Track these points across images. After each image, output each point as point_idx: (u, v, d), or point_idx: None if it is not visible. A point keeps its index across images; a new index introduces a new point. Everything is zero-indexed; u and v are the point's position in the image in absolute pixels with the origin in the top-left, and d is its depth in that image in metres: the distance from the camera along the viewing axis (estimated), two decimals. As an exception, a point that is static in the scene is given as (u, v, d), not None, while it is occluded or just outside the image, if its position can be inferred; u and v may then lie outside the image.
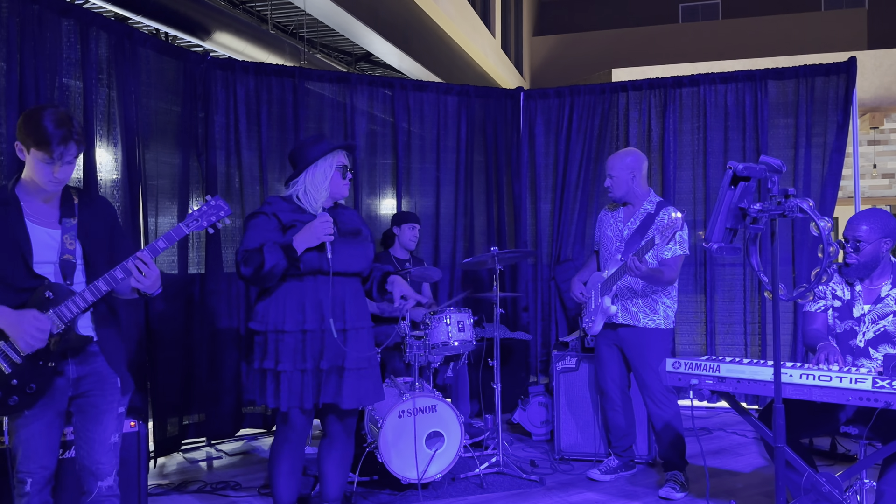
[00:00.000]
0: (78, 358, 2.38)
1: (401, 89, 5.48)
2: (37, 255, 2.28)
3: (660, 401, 3.77)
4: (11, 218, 2.28)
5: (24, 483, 2.33)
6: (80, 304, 2.30)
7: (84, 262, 2.39)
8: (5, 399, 2.24)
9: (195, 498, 3.76)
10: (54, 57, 3.62)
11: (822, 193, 5.23)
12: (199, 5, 5.91)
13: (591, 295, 3.96)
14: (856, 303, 3.10)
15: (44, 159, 2.24)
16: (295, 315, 2.87)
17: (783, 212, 1.91)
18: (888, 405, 2.47)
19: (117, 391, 2.45)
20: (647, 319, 3.78)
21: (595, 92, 5.67)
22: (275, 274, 2.83)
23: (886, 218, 3.00)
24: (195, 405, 4.62)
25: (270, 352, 2.88)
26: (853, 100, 5.14)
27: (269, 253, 2.80)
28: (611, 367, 3.94)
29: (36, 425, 2.32)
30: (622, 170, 3.82)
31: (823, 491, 2.72)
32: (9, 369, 2.23)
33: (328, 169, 2.98)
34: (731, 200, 1.90)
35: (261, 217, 2.93)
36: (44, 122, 2.23)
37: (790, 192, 1.93)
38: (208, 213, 2.52)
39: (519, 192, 5.81)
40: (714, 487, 3.79)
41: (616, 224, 3.93)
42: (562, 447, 4.31)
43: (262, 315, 2.92)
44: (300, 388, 2.86)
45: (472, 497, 3.71)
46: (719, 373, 2.77)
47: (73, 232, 2.36)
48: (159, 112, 4.41)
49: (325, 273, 2.88)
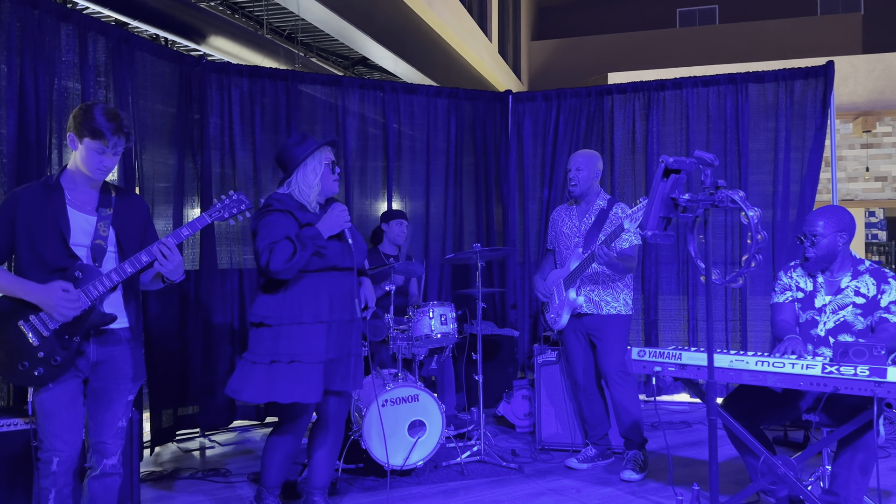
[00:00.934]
0: (100, 339, 2.54)
1: (391, 92, 5.64)
2: (73, 237, 2.48)
3: (618, 382, 3.98)
4: (55, 202, 2.48)
5: (49, 463, 2.45)
6: (107, 283, 2.48)
7: (117, 250, 2.58)
8: (31, 370, 2.40)
9: (187, 483, 3.91)
10: (53, 60, 3.78)
11: (801, 193, 5.37)
12: (195, 10, 6.08)
13: (553, 291, 4.13)
14: (817, 294, 3.24)
15: (97, 148, 2.46)
16: (313, 307, 2.96)
17: (714, 202, 2.05)
18: (836, 389, 2.62)
19: (129, 381, 2.62)
20: (609, 307, 4.00)
21: (581, 95, 5.82)
22: (300, 265, 2.91)
23: (841, 213, 3.14)
24: (189, 397, 4.78)
25: (285, 345, 2.93)
26: (831, 102, 5.28)
27: (298, 243, 2.90)
28: (580, 357, 4.12)
29: (62, 399, 2.47)
30: (589, 166, 4.05)
31: (779, 473, 2.87)
32: (37, 342, 2.41)
33: (318, 166, 3.07)
34: (663, 191, 2.04)
35: (276, 214, 2.99)
36: (98, 115, 2.45)
37: (720, 184, 2.07)
38: (230, 205, 2.73)
39: (507, 192, 5.96)
40: (688, 476, 3.93)
41: (572, 221, 4.13)
42: (543, 437, 4.45)
43: (273, 309, 2.96)
44: (316, 380, 2.94)
45: (453, 483, 3.86)
46: (681, 360, 2.92)
47: (107, 220, 2.56)
48: (155, 114, 4.57)
49: (338, 269, 3.03)
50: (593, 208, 4.08)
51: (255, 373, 2.96)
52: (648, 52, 17.34)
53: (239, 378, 3.00)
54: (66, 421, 2.47)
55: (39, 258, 2.45)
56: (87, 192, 2.57)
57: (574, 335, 4.12)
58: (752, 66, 10.12)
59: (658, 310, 5.62)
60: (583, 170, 4.03)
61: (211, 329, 4.85)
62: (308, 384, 2.93)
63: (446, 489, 3.78)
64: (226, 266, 4.96)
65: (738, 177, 5.47)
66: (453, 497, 3.66)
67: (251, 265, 5.06)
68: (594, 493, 3.70)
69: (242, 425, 5.11)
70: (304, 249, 2.90)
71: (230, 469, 4.11)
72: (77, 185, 2.55)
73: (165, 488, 3.84)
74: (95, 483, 2.59)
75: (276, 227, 2.94)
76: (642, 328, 5.64)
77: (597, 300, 4.03)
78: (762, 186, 5.48)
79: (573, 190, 4.06)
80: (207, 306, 4.83)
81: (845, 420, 2.86)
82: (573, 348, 4.14)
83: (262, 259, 2.90)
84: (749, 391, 3.18)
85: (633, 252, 3.96)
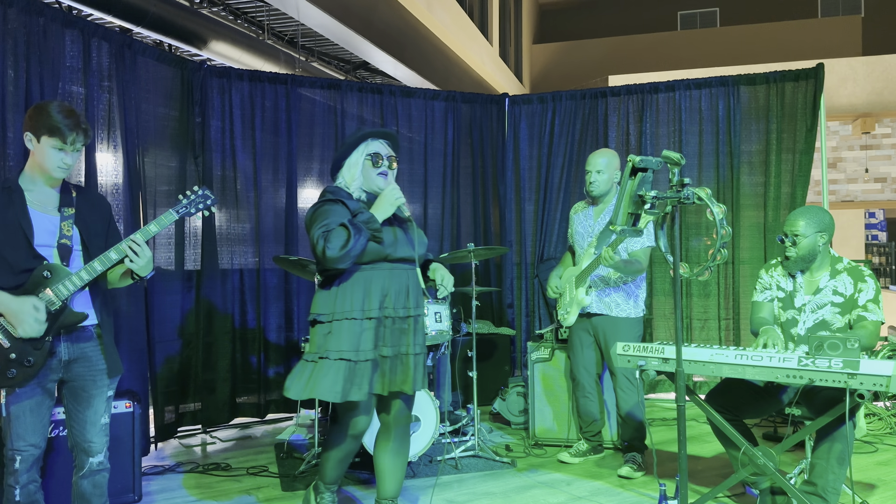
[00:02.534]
0: (71, 337, 2.57)
1: (389, 95, 5.75)
2: (37, 238, 2.49)
3: (627, 387, 4.04)
4: (16, 204, 2.50)
5: (13, 461, 2.49)
6: (77, 282, 2.51)
7: (82, 248, 2.61)
8: (3, 371, 2.42)
9: (187, 477, 4.01)
10: (58, 65, 3.89)
11: (792, 194, 5.45)
12: (197, 17, 6.20)
13: (566, 288, 4.22)
14: (797, 293, 3.33)
15: (56, 145, 2.49)
16: (363, 302, 2.84)
17: (680, 198, 2.15)
18: (811, 381, 2.71)
19: (105, 376, 2.64)
20: (619, 309, 4.06)
21: (576, 98, 5.92)
22: (356, 251, 2.78)
23: (822, 214, 3.23)
24: (191, 394, 4.88)
25: (335, 341, 2.81)
26: (821, 104, 5.37)
27: (353, 227, 2.77)
28: (584, 355, 4.20)
29: (26, 403, 2.48)
30: (609, 171, 4.08)
31: (759, 463, 2.96)
32: (7, 343, 2.43)
33: (358, 158, 2.97)
34: (630, 189, 2.14)
35: (328, 203, 2.89)
36: (54, 112, 2.49)
37: (687, 182, 2.16)
38: (196, 201, 2.75)
39: (504, 193, 6.07)
40: (675, 469, 4.00)
41: (587, 221, 4.19)
42: (536, 433, 4.55)
43: (326, 305, 2.87)
44: (361, 378, 2.80)
45: (447, 477, 3.95)
46: (664, 354, 3.01)
47: (70, 220, 2.58)
48: (158, 117, 4.68)
49: (393, 259, 2.89)
50: (609, 208, 4.13)
51: (304, 370, 2.85)
52: (650, 54, 17.43)
53: (291, 375, 2.89)
54: (30, 424, 2.50)
55: (4, 260, 2.46)
56: (46, 191, 2.57)
57: (581, 333, 4.19)
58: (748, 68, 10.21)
59: (652, 309, 5.71)
60: (604, 172, 4.06)
61: (212, 328, 4.95)
62: (352, 383, 2.78)
63: (440, 482, 3.87)
64: (227, 266, 5.08)
65: (730, 178, 5.57)
66: (447, 490, 3.76)
67: (251, 265, 5.17)
68: (584, 486, 3.79)
69: (244, 422, 5.22)
70: (358, 234, 2.76)
71: (230, 464, 4.22)
72: (36, 186, 2.56)
73: (167, 481, 3.94)
74: (84, 481, 2.63)
75: (329, 215, 2.83)
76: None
77: (608, 301, 4.07)
78: (754, 187, 5.57)
79: (592, 191, 4.09)
80: (209, 305, 4.94)
81: (823, 412, 2.95)
82: (578, 346, 4.21)
83: (318, 247, 2.77)
84: (732, 385, 3.28)
85: (644, 254, 3.99)
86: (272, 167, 5.27)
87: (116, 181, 4.28)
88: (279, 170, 5.28)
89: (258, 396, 5.19)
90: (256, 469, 4.10)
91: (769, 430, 4.72)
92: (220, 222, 5.06)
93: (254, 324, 5.17)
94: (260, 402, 5.20)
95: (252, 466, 4.14)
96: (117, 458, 3.37)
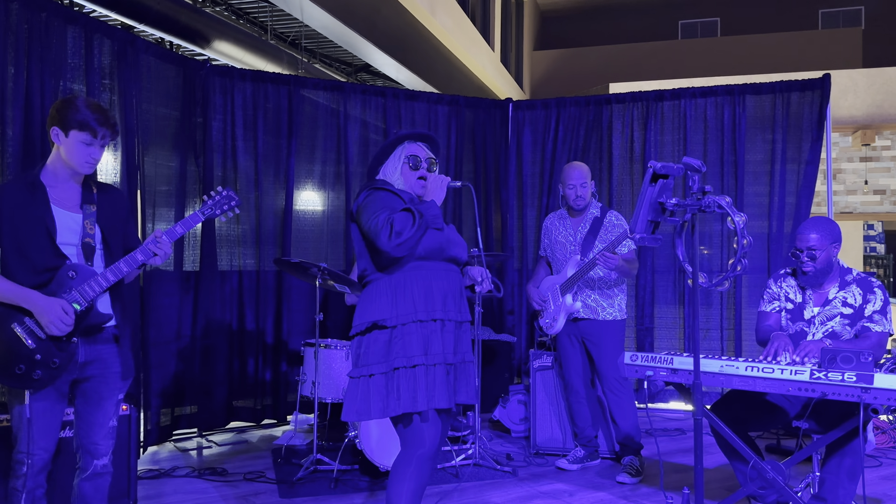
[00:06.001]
0: (88, 339, 2.51)
1: (393, 98, 5.70)
2: (60, 236, 2.44)
3: (616, 389, 4.08)
4: (38, 201, 2.44)
5: (21, 464, 2.42)
6: (103, 283, 2.46)
7: (104, 247, 2.56)
8: (29, 373, 2.37)
9: (183, 482, 3.95)
10: (59, 62, 3.83)
11: (796, 204, 5.42)
12: (200, 16, 6.16)
13: (548, 297, 4.20)
14: (806, 305, 3.29)
15: (86, 140, 2.45)
16: (427, 303, 2.57)
17: (701, 206, 2.11)
18: (823, 395, 2.66)
19: (119, 379, 2.59)
20: (605, 312, 4.11)
21: (580, 104, 5.89)
22: (419, 237, 2.55)
23: (831, 224, 3.20)
24: (188, 397, 4.81)
25: (403, 347, 2.52)
26: (827, 115, 5.34)
27: (417, 212, 2.54)
28: (574, 360, 4.21)
29: (39, 405, 2.43)
30: (590, 184, 4.16)
31: (768, 477, 2.90)
32: (33, 344, 2.38)
33: (396, 162, 2.75)
34: (651, 196, 2.09)
35: (381, 191, 2.65)
36: (83, 106, 2.45)
37: (707, 189, 2.12)
38: (221, 202, 2.70)
39: (506, 199, 6.02)
40: (680, 480, 3.97)
41: (567, 230, 4.22)
42: (537, 442, 4.49)
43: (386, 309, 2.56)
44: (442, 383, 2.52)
45: (447, 486, 3.89)
46: (672, 365, 2.96)
47: (92, 217, 2.53)
48: (159, 117, 4.62)
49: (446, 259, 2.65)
50: (587, 217, 4.19)
51: (373, 387, 2.52)
52: (650, 63, 17.44)
53: (359, 398, 2.54)
54: (42, 427, 2.44)
55: (27, 258, 2.41)
56: (69, 188, 2.53)
57: (569, 339, 4.20)
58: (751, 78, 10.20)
59: (654, 318, 5.67)
60: (587, 186, 4.14)
61: (210, 330, 4.89)
62: (436, 388, 2.50)
63: (440, 491, 3.82)
64: (225, 268, 5.01)
65: (734, 187, 5.53)
66: (447, 499, 3.70)
67: (251, 267, 5.11)
68: (587, 498, 3.74)
69: (240, 426, 5.15)
70: (423, 219, 2.54)
71: (226, 468, 4.15)
72: (59, 182, 2.51)
73: (162, 486, 3.88)
74: (86, 484, 2.58)
75: (387, 200, 2.58)
76: (635, 336, 5.69)
77: (593, 305, 4.12)
78: (758, 198, 5.53)
79: (579, 205, 4.14)
80: (207, 307, 4.87)
81: (833, 426, 2.90)
82: (567, 353, 4.22)
83: (382, 234, 2.48)
84: (738, 396, 3.23)
85: (634, 255, 4.10)
86: (273, 169, 5.21)
87: (116, 180, 4.22)
88: (280, 172, 5.22)
89: (255, 400, 5.12)
90: (253, 475, 4.03)
91: (772, 441, 4.67)
92: (220, 223, 5.00)
93: (252, 327, 5.10)
94: (256, 406, 5.13)
95: (249, 472, 4.07)
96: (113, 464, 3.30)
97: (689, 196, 2.14)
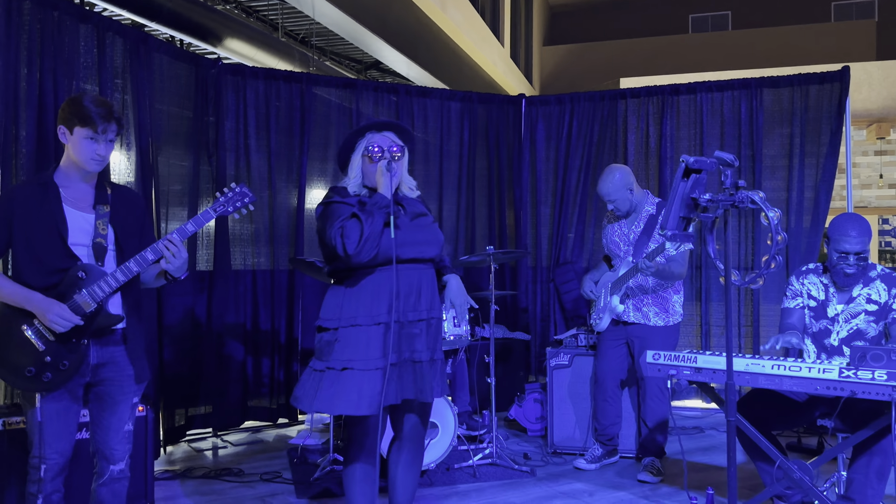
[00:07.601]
0: (101, 341, 2.47)
1: (405, 95, 5.66)
2: (72, 236, 2.41)
3: (657, 396, 4.02)
4: (50, 201, 2.42)
5: (37, 469, 2.38)
6: (112, 283, 2.42)
7: (116, 248, 2.52)
8: (39, 375, 2.35)
9: (199, 483, 3.92)
10: (72, 61, 3.81)
11: (815, 199, 5.34)
12: (211, 13, 6.12)
13: (601, 293, 4.14)
14: (830, 303, 3.23)
15: (88, 135, 2.41)
16: (370, 307, 2.62)
17: (734, 202, 2.05)
18: (853, 394, 2.61)
19: (133, 382, 2.54)
20: (657, 318, 4.04)
21: (595, 99, 5.82)
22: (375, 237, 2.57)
23: (866, 221, 3.12)
24: (202, 397, 4.79)
25: (339, 350, 2.61)
26: (846, 108, 5.26)
27: (363, 214, 2.58)
28: (612, 360, 4.16)
29: (53, 407, 2.40)
30: (619, 191, 4.00)
31: (794, 477, 2.85)
32: (42, 346, 2.36)
33: (356, 157, 2.75)
34: (683, 191, 2.04)
35: (333, 203, 2.69)
36: (86, 102, 2.42)
37: (741, 185, 2.07)
38: (234, 198, 2.61)
39: (520, 195, 5.96)
40: (700, 480, 3.92)
41: (621, 230, 4.14)
42: (555, 441, 4.44)
43: (332, 310, 2.67)
44: (370, 390, 2.57)
45: (465, 485, 3.86)
46: (696, 364, 2.91)
47: (105, 218, 2.49)
48: (172, 116, 4.60)
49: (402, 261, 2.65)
50: (642, 215, 4.08)
51: (310, 380, 2.67)
52: (660, 57, 17.31)
53: (300, 386, 2.71)
54: (57, 430, 2.41)
55: (37, 259, 2.39)
56: (82, 188, 2.50)
57: (612, 340, 4.16)
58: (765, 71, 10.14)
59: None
60: (615, 198, 4.00)
61: (224, 330, 4.87)
62: (360, 394, 2.56)
63: (458, 491, 3.78)
64: (239, 267, 4.99)
65: (752, 182, 5.45)
66: (465, 499, 3.66)
67: (265, 266, 5.08)
68: (607, 497, 3.70)
69: (255, 426, 5.13)
70: (371, 218, 2.57)
71: (243, 469, 4.12)
72: (71, 182, 2.48)
73: (179, 487, 3.86)
74: (103, 489, 2.54)
75: (337, 211, 2.63)
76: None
77: (645, 310, 4.06)
78: (776, 192, 5.45)
79: (618, 213, 4.08)
80: (221, 307, 4.85)
81: (861, 425, 2.84)
82: (607, 351, 4.17)
83: (338, 246, 2.56)
84: (762, 395, 3.17)
85: (682, 258, 3.93)
86: (286, 167, 5.18)
87: (129, 180, 4.20)
88: (293, 170, 5.19)
89: (270, 400, 5.10)
90: (270, 475, 4.01)
91: (792, 439, 4.61)
92: (233, 222, 4.97)
93: (266, 326, 5.08)
94: (271, 405, 5.11)
95: (265, 472, 4.05)
96: (131, 464, 3.28)
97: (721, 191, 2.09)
